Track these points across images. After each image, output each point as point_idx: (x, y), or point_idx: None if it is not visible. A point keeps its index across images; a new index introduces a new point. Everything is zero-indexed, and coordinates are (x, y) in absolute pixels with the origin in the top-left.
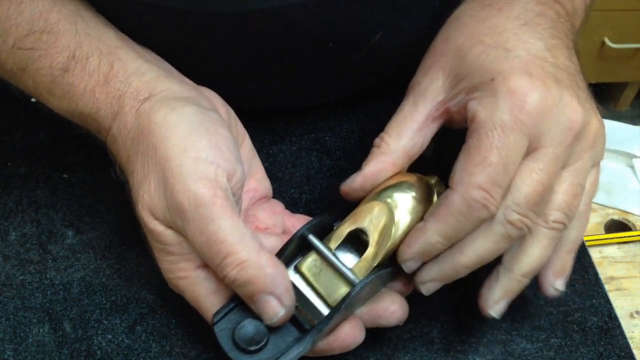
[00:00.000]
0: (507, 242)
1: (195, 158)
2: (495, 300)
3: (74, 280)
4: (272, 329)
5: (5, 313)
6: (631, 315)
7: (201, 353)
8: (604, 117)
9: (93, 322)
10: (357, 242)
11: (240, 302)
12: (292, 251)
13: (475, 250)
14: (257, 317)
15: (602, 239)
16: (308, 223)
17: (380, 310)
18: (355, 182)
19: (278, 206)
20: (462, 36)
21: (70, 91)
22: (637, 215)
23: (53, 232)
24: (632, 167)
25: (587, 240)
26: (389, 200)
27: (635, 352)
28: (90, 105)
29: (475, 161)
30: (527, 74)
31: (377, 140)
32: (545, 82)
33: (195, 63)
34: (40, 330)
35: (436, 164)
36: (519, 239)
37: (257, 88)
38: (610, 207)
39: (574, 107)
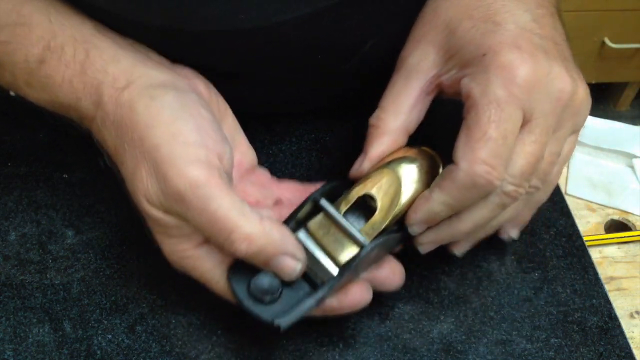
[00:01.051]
0: (502, 209)
1: (185, 142)
2: (463, 244)
3: (74, 280)
4: (286, 283)
5: (5, 313)
6: (631, 315)
7: (201, 353)
8: (604, 117)
9: (93, 322)
10: (365, 208)
11: None
12: (305, 213)
13: (472, 218)
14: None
15: (602, 239)
16: (321, 187)
17: (378, 276)
18: (364, 167)
19: (264, 176)
20: (450, 9)
21: (48, 83)
22: (637, 215)
23: (53, 232)
24: (632, 167)
25: (587, 240)
26: (396, 169)
27: (635, 352)
28: (69, 95)
29: (476, 137)
30: (517, 47)
31: (373, 119)
32: (534, 55)
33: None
34: (40, 330)
35: (428, 136)
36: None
37: (250, 95)
38: (610, 207)
39: (562, 78)
